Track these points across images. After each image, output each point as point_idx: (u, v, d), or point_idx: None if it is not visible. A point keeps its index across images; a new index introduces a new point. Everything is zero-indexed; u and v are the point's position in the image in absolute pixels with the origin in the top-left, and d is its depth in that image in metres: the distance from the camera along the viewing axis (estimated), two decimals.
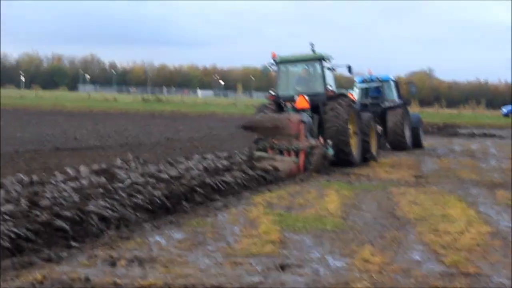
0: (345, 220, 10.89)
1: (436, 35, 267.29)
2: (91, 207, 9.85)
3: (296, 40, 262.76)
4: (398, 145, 27.47)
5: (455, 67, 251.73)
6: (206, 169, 15.05)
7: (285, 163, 17.09)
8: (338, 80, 22.11)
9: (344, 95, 20.49)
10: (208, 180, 13.34)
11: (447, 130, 44.27)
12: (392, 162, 21.40)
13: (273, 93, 20.64)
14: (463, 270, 7.80)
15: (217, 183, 13.42)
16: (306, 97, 19.39)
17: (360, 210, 11.96)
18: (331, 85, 20.48)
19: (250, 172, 15.28)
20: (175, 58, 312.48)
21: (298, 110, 19.15)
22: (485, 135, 40.99)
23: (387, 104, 28.48)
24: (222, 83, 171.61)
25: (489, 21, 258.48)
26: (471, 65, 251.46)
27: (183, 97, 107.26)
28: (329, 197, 13.17)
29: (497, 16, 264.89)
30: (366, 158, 20.99)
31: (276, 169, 16.38)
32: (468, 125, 54.35)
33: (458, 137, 38.55)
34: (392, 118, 27.36)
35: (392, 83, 30.09)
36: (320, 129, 19.52)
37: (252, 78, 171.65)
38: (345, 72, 23.19)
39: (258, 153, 17.69)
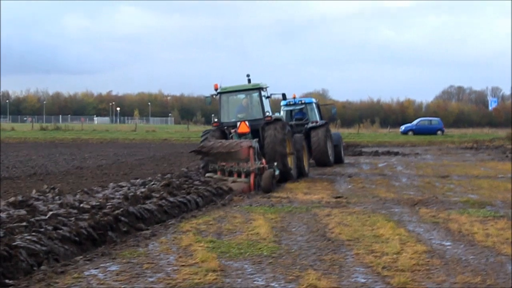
0: (279, 244, 10.73)
1: (327, 56, 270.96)
2: (18, 241, 9.42)
3: (190, 64, 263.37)
4: (322, 162, 29.55)
5: (348, 87, 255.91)
6: (125, 198, 14.67)
7: (238, 184, 19.09)
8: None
9: (280, 120, 22.50)
10: (131, 209, 13.02)
11: (352, 150, 44.78)
12: (307, 183, 21.41)
13: (216, 120, 23.20)
14: None
15: (141, 211, 13.15)
16: (247, 123, 22.03)
17: (291, 233, 11.83)
18: (269, 111, 22.63)
19: (171, 199, 15.03)
20: (69, 86, 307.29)
21: (240, 136, 21.47)
22: (388, 153, 41.74)
23: (310, 124, 30.26)
24: (118, 109, 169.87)
25: (376, 41, 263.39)
26: (363, 85, 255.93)
27: (83, 125, 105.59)
28: (257, 221, 13.02)
29: (385, 36, 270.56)
30: (301, 173, 23.72)
31: (230, 189, 18.29)
32: (370, 144, 55.26)
33: (364, 156, 39.15)
34: (316, 137, 29.31)
35: (314, 105, 32.16)
36: (261, 151, 21.08)
37: (149, 103, 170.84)
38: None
39: (208, 175, 19.90)
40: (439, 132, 78.31)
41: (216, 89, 23.13)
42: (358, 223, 12.77)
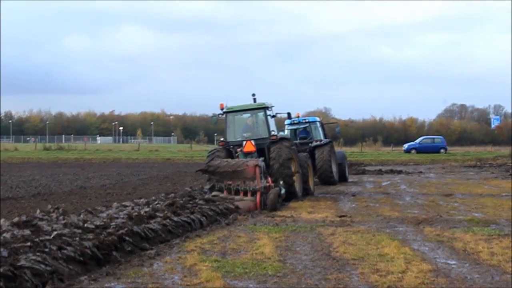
0: (283, 263, 10.71)
1: (329, 75, 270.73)
2: (22, 262, 9.42)
3: (192, 84, 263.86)
4: (327, 180, 29.72)
5: (351, 106, 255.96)
6: (130, 217, 14.64)
7: (244, 202, 19.21)
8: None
9: (286, 139, 22.73)
10: (135, 228, 13.01)
11: (355, 168, 44.74)
12: (311, 202, 21.36)
13: (222, 140, 23.52)
14: None
15: (145, 231, 13.14)
16: (253, 142, 22.28)
17: (296, 252, 11.80)
18: (274, 130, 23.23)
19: (175, 218, 15.01)
20: (72, 106, 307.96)
21: (246, 154, 21.69)
22: (392, 171, 41.74)
23: (314, 143, 30.39)
24: (121, 128, 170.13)
25: (377, 60, 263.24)
26: (365, 103, 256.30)
27: (86, 145, 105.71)
28: (261, 240, 13.01)
29: (385, 54, 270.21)
30: (307, 192, 23.87)
31: (237, 207, 18.34)
32: (373, 162, 55.25)
33: (367, 175, 39.13)
34: (320, 156, 29.50)
35: (318, 124, 32.70)
36: (267, 170, 21.29)
37: (151, 123, 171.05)
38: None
39: (215, 193, 20.02)
40: (442, 150, 78.50)
41: (222, 109, 23.47)
42: (363, 242, 12.75)
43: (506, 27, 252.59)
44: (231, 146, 22.94)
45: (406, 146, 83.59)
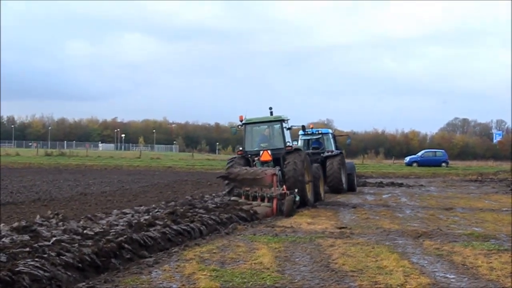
0: (282, 274, 10.68)
1: (332, 86, 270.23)
2: (21, 267, 9.41)
3: (194, 92, 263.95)
4: (336, 189, 31.44)
5: (353, 117, 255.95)
6: (129, 225, 14.65)
7: (261, 207, 20.53)
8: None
9: (300, 150, 24.58)
10: (135, 236, 13.00)
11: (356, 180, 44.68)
12: (311, 213, 21.38)
13: (241, 149, 25.06)
14: None
15: (144, 239, 13.13)
16: (269, 152, 23.65)
17: (295, 263, 11.78)
18: (289, 141, 24.80)
19: (175, 226, 15.00)
20: (74, 112, 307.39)
21: (263, 163, 23.10)
22: (393, 184, 41.77)
23: (326, 153, 32.20)
24: (123, 136, 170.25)
25: (379, 72, 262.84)
26: (368, 115, 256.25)
27: (87, 151, 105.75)
28: (260, 250, 12.99)
29: (388, 66, 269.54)
30: (317, 199, 25.57)
31: (255, 212, 19.70)
32: (374, 175, 55.23)
33: (368, 187, 39.21)
34: (331, 165, 31.21)
35: (331, 135, 34.64)
36: (282, 178, 22.70)
37: (153, 131, 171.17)
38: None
39: (233, 198, 21.54)
40: (443, 164, 78.56)
41: (241, 120, 24.98)
42: (362, 254, 12.72)
43: (508, 41, 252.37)
44: (249, 155, 24.54)
45: (407, 159, 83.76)
